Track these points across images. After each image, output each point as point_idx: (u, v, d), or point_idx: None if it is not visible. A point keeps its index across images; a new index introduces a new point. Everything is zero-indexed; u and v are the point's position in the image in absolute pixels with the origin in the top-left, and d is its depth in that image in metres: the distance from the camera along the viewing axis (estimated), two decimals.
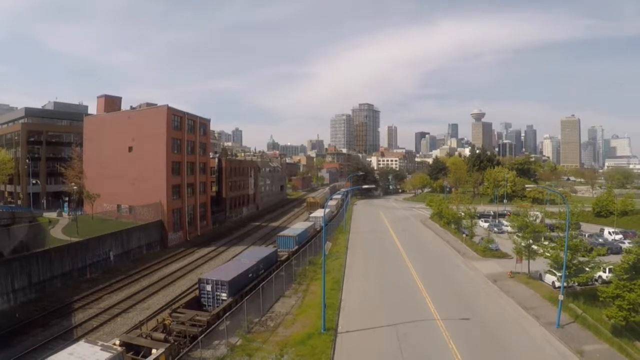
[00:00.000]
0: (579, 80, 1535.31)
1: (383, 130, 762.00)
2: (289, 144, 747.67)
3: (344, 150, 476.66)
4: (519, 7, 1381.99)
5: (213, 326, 36.21)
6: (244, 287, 47.12)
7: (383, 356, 34.74)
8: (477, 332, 39.97)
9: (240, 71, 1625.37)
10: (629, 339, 38.46)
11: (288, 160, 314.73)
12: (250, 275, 49.90)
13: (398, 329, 40.24)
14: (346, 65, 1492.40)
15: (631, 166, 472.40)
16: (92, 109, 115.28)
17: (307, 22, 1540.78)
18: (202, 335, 33.82)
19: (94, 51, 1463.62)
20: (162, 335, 32.75)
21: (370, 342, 37.49)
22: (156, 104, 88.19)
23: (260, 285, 46.84)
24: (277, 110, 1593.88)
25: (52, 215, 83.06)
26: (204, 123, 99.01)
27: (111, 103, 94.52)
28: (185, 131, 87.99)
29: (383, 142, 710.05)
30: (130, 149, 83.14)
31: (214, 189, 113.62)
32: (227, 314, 38.92)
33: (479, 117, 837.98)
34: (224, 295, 43.07)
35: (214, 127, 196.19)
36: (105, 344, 27.99)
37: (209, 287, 43.34)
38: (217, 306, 41.85)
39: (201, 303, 43.26)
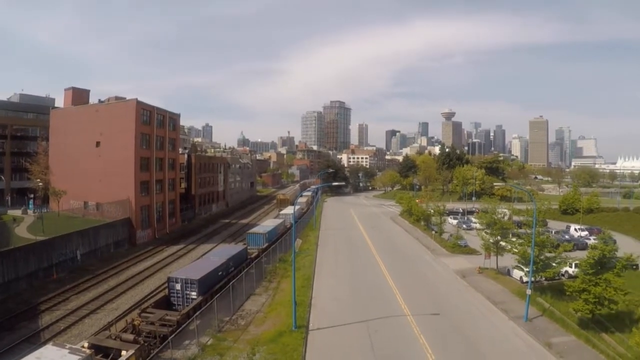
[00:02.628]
0: (549, 82, 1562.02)
1: (354, 128, 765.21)
2: (259, 140, 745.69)
3: (315, 148, 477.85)
4: (494, 9, 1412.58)
5: (183, 326, 35.98)
6: (214, 285, 46.72)
7: (355, 352, 34.94)
8: (447, 327, 40.66)
9: (212, 66, 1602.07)
10: (595, 331, 39.87)
11: (258, 156, 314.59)
12: (220, 273, 49.51)
13: (369, 325, 40.50)
14: (319, 62, 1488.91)
15: (597, 166, 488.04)
16: (60, 102, 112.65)
17: (280, 18, 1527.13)
18: (173, 336, 33.48)
19: (62, 42, 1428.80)
20: (131, 336, 32.31)
21: (342, 338, 37.65)
22: (125, 98, 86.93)
23: (231, 283, 46.54)
24: (248, 106, 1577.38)
25: (17, 212, 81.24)
26: (174, 118, 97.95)
27: (79, 96, 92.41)
28: (155, 126, 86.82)
29: (354, 139, 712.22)
30: (97, 143, 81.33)
31: (183, 185, 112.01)
32: (197, 313, 38.51)
33: (449, 116, 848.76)
34: (193, 294, 42.54)
35: (184, 122, 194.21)
36: (74, 346, 27.57)
37: (178, 286, 42.76)
38: (187, 305, 41.35)
39: (171, 302, 42.71)
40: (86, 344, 29.53)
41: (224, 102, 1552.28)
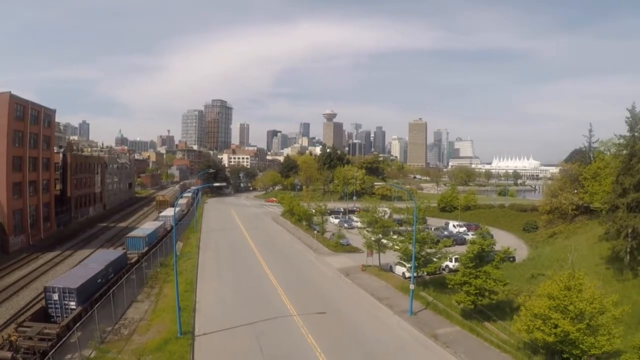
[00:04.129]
0: (428, 85, 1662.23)
1: (235, 128, 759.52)
2: (138, 139, 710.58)
3: (195, 147, 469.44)
4: (378, 14, 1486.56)
5: (64, 339, 33.93)
6: (94, 293, 44.60)
7: (243, 356, 35.02)
8: (334, 325, 41.70)
9: (90, 59, 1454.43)
10: (478, 320, 42.80)
11: (137, 156, 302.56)
12: (99, 280, 47.29)
13: (256, 327, 40.60)
14: (202, 59, 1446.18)
15: (473, 166, 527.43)
16: None
17: (162, 11, 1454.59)
18: (53, 350, 31.45)
19: None
20: (9, 354, 30.32)
21: (229, 343, 37.47)
22: None
23: (111, 290, 44.78)
24: (127, 103, 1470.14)
25: None
26: (49, 114, 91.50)
27: None
28: (28, 122, 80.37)
29: (235, 139, 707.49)
30: None
31: (58, 187, 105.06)
32: (78, 324, 36.37)
33: (330, 117, 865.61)
34: (72, 304, 40.25)
35: (60, 119, 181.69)
36: None
37: (56, 296, 40.15)
38: (67, 316, 39.05)
39: (49, 314, 40.05)
40: None
41: (102, 98, 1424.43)
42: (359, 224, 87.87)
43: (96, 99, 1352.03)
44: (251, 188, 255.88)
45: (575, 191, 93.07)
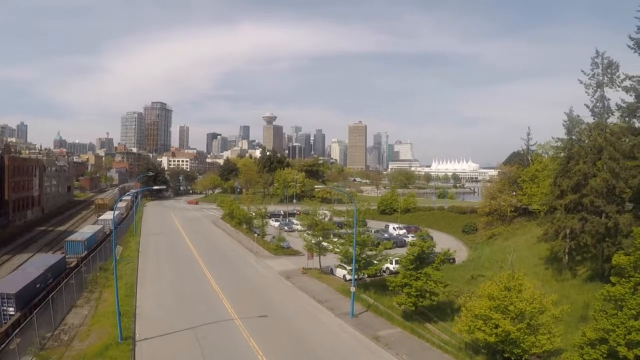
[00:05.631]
0: (368, 89, 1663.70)
1: (175, 130, 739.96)
2: (77, 141, 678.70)
3: (135, 150, 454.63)
4: (319, 17, 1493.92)
5: (2, 346, 32.75)
6: (33, 298, 43.07)
7: None
8: (275, 328, 41.11)
9: (27, 58, 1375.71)
10: (419, 321, 43.27)
11: (76, 159, 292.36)
12: (38, 285, 45.69)
13: (197, 331, 39.63)
14: (142, 60, 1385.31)
15: (412, 168, 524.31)
16: None
17: (101, 11, 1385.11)
18: None
19: None
20: None
21: (171, 347, 36.60)
22: None
23: (50, 295, 43.38)
24: (66, 104, 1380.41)
25: None
26: None
27: None
28: None
29: (175, 142, 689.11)
30: None
31: None
32: (17, 330, 34.92)
33: (270, 120, 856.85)
34: (11, 310, 38.75)
35: None
36: None
37: None
38: (5, 322, 37.69)
39: None
40: None
41: (40, 99, 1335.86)
42: (299, 227, 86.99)
43: (34, 100, 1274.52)
44: (191, 191, 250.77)
45: (514, 193, 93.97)
